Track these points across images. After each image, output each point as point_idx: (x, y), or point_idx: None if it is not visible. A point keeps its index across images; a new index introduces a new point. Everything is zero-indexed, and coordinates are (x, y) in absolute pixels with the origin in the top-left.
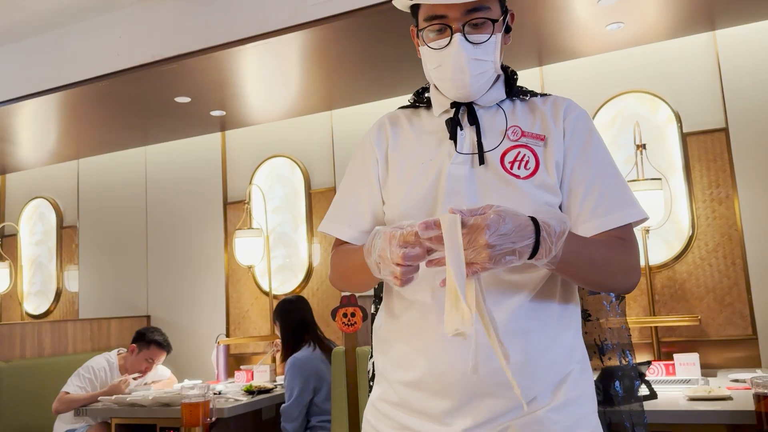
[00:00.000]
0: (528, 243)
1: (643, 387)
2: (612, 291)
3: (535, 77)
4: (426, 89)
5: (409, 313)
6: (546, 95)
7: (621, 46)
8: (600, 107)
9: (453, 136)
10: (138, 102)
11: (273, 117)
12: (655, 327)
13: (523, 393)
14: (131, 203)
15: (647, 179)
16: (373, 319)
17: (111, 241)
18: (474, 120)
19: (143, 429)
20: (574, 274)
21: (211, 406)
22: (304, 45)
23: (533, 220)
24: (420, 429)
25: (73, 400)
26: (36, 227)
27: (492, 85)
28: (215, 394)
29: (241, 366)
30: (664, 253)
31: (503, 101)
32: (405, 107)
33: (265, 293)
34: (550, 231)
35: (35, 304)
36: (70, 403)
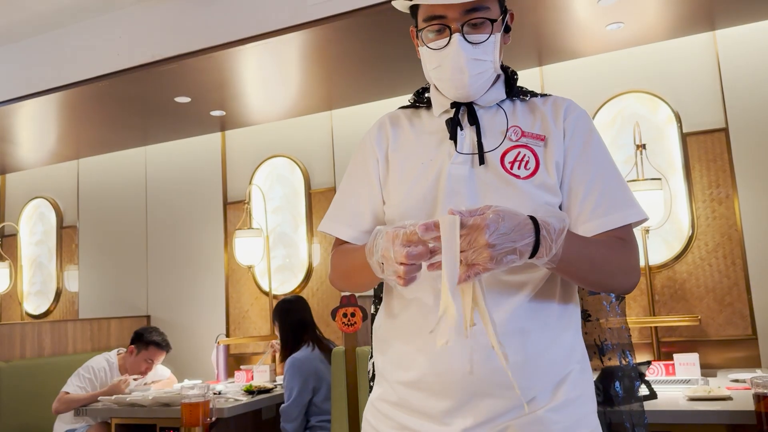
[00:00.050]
0: (528, 241)
1: (643, 387)
2: (612, 291)
3: (535, 77)
4: (426, 89)
5: (409, 313)
6: (546, 95)
7: (621, 46)
8: (600, 107)
9: (453, 136)
10: (138, 102)
11: (273, 117)
12: (655, 327)
13: (523, 393)
14: (131, 203)
15: (647, 179)
16: (373, 319)
17: (111, 241)
18: (474, 120)
19: (143, 429)
20: (574, 273)
21: (211, 406)
22: (304, 45)
23: (532, 218)
24: (419, 429)
25: (73, 400)
26: (36, 227)
27: (492, 85)
28: (215, 394)
29: (241, 366)
30: (664, 253)
31: (503, 101)
32: (405, 107)
33: (265, 293)
34: (549, 229)
35: (35, 304)
36: (70, 403)
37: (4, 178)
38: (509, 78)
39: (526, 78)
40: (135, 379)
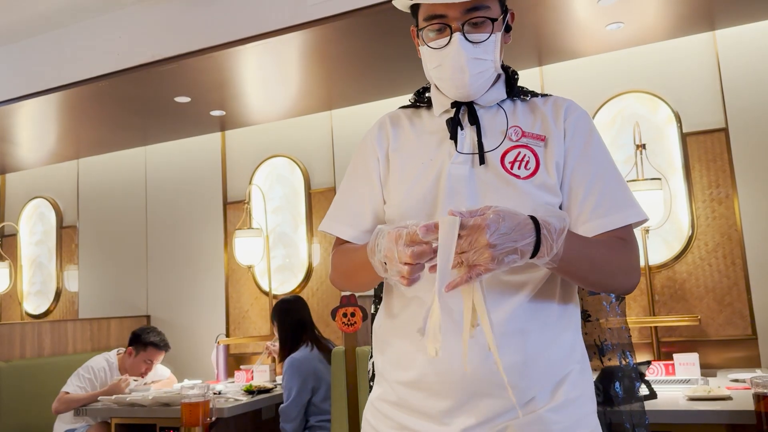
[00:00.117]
0: (529, 241)
1: (643, 387)
2: (612, 291)
3: (535, 77)
4: (426, 89)
5: (409, 312)
6: (547, 95)
7: (621, 46)
8: (600, 107)
9: (453, 135)
10: (138, 102)
11: (273, 117)
12: (655, 327)
13: (523, 393)
14: (131, 203)
15: (647, 179)
16: (373, 319)
17: (111, 241)
18: (474, 120)
19: (143, 429)
20: (574, 273)
21: (211, 405)
22: (304, 45)
23: (533, 218)
24: (419, 429)
25: (73, 399)
26: (36, 227)
27: (492, 85)
28: (215, 393)
29: (241, 366)
30: (663, 253)
31: (504, 101)
32: (406, 107)
33: (265, 293)
34: (550, 228)
35: (35, 304)
36: (70, 403)
37: (4, 178)
38: (510, 78)
39: (526, 78)
40: (135, 380)
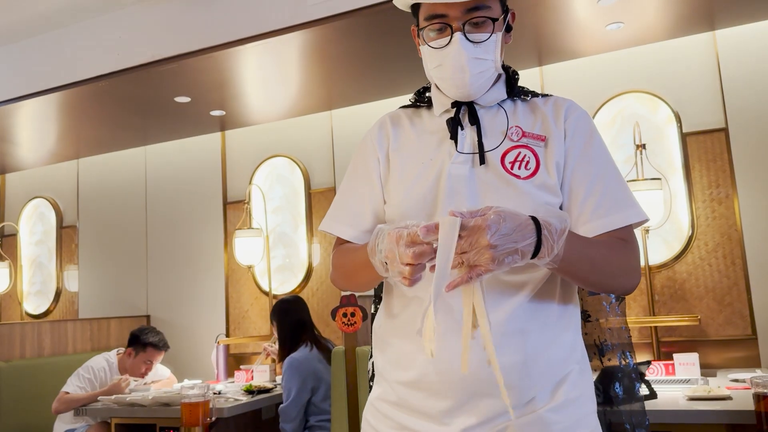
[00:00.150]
0: (530, 242)
1: (643, 387)
2: (612, 292)
3: (535, 77)
4: (427, 89)
5: (409, 312)
6: (547, 96)
7: (621, 46)
8: (600, 107)
9: (454, 135)
10: (138, 102)
11: (273, 117)
12: (655, 327)
13: (522, 393)
14: (131, 203)
15: (647, 179)
16: (373, 319)
17: (111, 241)
18: (475, 120)
19: (143, 429)
20: (575, 274)
21: (211, 405)
22: (304, 45)
23: (534, 219)
24: (419, 429)
25: (73, 399)
26: (36, 227)
27: (493, 85)
28: (215, 393)
29: (241, 366)
30: (663, 253)
31: (504, 101)
32: (406, 107)
33: (265, 293)
34: (551, 229)
35: (35, 303)
36: (69, 403)
37: (3, 177)
38: (510, 78)
39: (526, 78)
40: (135, 380)
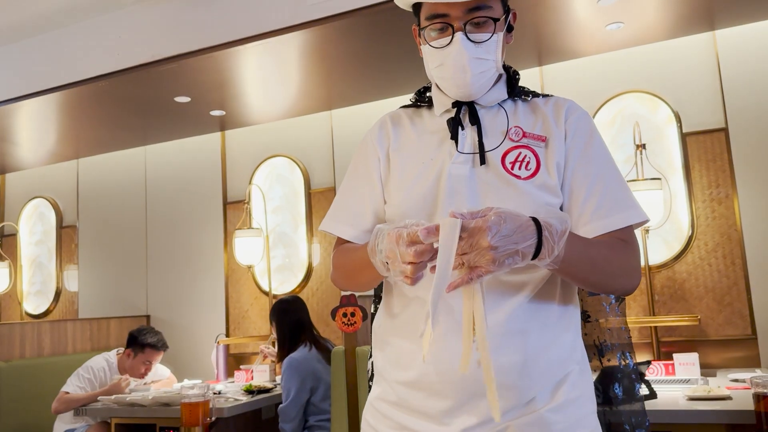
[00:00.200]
0: (530, 243)
1: (643, 387)
2: (612, 293)
3: (535, 77)
4: (427, 88)
5: (408, 312)
6: (548, 96)
7: (621, 46)
8: (600, 107)
9: (454, 135)
10: (137, 102)
11: (273, 117)
12: (655, 327)
13: (522, 393)
14: (131, 203)
15: (647, 179)
16: (373, 319)
17: (110, 241)
18: (475, 120)
19: (143, 429)
20: (575, 275)
21: (211, 405)
22: (303, 45)
23: (534, 220)
24: (419, 429)
25: (73, 399)
26: (36, 227)
27: (494, 85)
28: (215, 393)
29: (241, 366)
30: (663, 253)
31: (505, 101)
32: (406, 106)
33: (265, 293)
34: (551, 230)
35: (35, 303)
36: (69, 403)
37: (3, 177)
38: (511, 78)
39: (525, 78)
40: (135, 380)
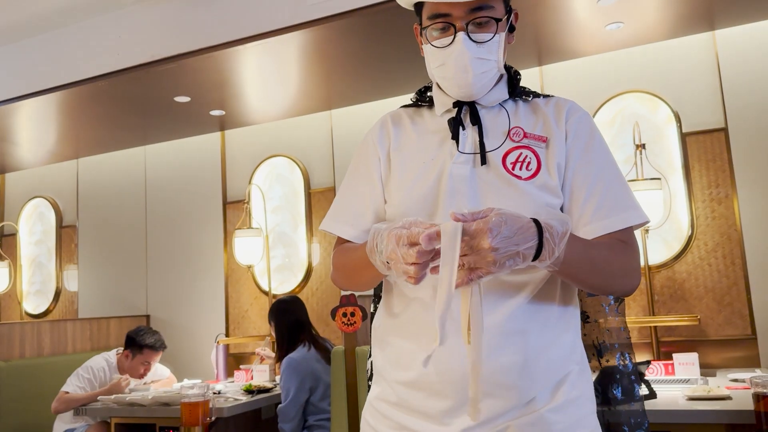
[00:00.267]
0: (531, 245)
1: (643, 387)
2: (612, 294)
3: (535, 77)
4: (428, 88)
5: (409, 312)
6: (548, 96)
7: (621, 46)
8: (600, 107)
9: (455, 135)
10: (137, 102)
11: (272, 117)
12: (655, 327)
13: (523, 393)
14: (131, 203)
15: (647, 179)
16: (373, 318)
17: (110, 241)
18: (476, 120)
19: (143, 428)
20: (575, 276)
21: (211, 405)
22: (303, 45)
23: (535, 221)
24: (419, 429)
25: (73, 399)
26: (35, 227)
27: (495, 85)
28: (215, 393)
29: (241, 365)
30: (663, 253)
31: (506, 101)
32: (407, 106)
33: (265, 293)
34: (552, 232)
35: (34, 303)
36: (69, 403)
37: (3, 177)
38: (512, 78)
39: (525, 78)
40: (135, 380)
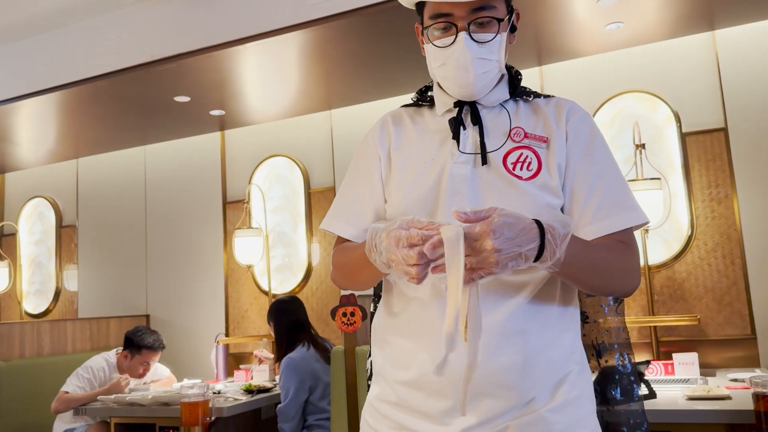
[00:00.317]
0: (533, 246)
1: (642, 386)
2: (612, 294)
3: (535, 77)
4: (429, 88)
5: (409, 311)
6: (549, 96)
7: (620, 45)
8: (599, 107)
9: (456, 135)
10: (137, 101)
11: (272, 116)
12: (654, 326)
13: (523, 393)
14: (130, 203)
15: (646, 179)
16: (372, 317)
17: (110, 241)
18: (477, 120)
19: (142, 428)
20: (575, 277)
21: (211, 405)
22: (303, 45)
23: (537, 222)
24: (419, 429)
25: (73, 399)
26: (35, 226)
27: (496, 85)
28: (214, 393)
29: (241, 365)
30: (663, 253)
31: (507, 101)
32: (408, 105)
33: (265, 293)
34: (554, 233)
35: (34, 303)
36: (69, 403)
37: (3, 177)
38: (513, 78)
39: (525, 78)
40: (134, 380)
